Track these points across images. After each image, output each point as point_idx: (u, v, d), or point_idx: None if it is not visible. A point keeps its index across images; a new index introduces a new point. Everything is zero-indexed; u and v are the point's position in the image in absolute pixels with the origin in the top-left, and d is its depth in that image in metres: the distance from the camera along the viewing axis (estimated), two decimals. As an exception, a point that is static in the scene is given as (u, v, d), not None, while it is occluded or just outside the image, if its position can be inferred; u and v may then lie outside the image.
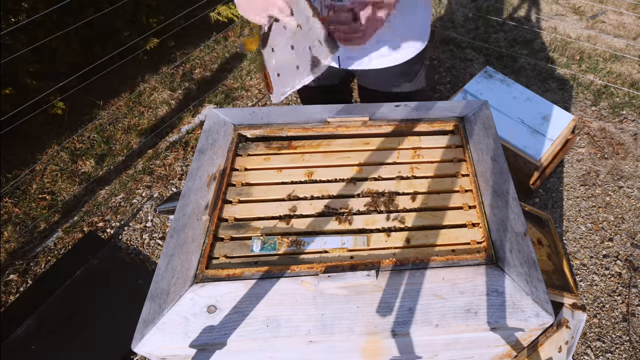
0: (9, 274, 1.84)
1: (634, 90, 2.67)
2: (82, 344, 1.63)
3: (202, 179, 0.93)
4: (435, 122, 1.05)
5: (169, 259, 0.80)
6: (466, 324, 0.72)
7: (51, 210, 2.06)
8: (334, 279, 0.74)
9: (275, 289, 0.75)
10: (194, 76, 2.81)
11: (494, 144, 0.98)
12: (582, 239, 1.98)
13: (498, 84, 2.21)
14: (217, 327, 0.71)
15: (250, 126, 1.03)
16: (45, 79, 2.27)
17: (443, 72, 2.83)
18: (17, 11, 2.13)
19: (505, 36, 3.10)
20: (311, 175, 0.94)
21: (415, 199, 0.90)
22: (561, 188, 2.18)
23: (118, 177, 2.24)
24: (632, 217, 2.06)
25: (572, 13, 3.38)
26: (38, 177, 2.20)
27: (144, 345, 0.71)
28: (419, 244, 0.82)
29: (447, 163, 0.97)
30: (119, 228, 2.02)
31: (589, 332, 1.70)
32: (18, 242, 1.95)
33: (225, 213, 0.88)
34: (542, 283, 0.77)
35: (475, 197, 0.89)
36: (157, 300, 0.75)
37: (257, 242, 0.82)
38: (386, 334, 0.71)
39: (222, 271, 0.77)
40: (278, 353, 0.77)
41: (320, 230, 0.85)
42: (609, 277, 1.85)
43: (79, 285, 1.78)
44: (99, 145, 2.35)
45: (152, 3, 2.69)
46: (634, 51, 3.00)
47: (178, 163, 2.30)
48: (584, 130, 2.46)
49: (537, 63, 2.86)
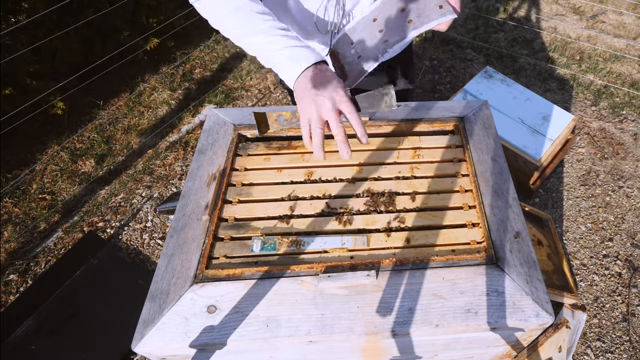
0: (9, 274, 1.84)
1: (634, 90, 2.68)
2: (82, 343, 1.63)
3: (202, 179, 0.93)
4: (435, 122, 1.05)
5: (169, 259, 0.80)
6: (466, 324, 0.72)
7: (51, 210, 2.06)
8: (334, 279, 0.74)
9: (275, 289, 0.75)
10: (194, 76, 2.81)
11: (494, 144, 0.99)
12: (582, 239, 1.98)
13: (498, 84, 2.21)
14: (217, 327, 0.71)
15: (250, 126, 1.03)
16: (45, 79, 2.26)
17: (443, 72, 2.83)
18: (17, 11, 2.12)
19: (505, 36, 3.10)
20: (311, 175, 0.94)
21: (415, 199, 0.90)
22: (561, 188, 2.18)
23: (118, 177, 2.24)
24: (632, 217, 2.06)
25: (572, 13, 3.38)
26: (38, 177, 2.20)
27: (144, 345, 0.71)
28: (419, 244, 0.82)
29: (447, 163, 0.97)
30: (119, 228, 2.02)
31: (589, 332, 1.70)
32: (18, 242, 1.95)
33: (225, 213, 0.88)
34: (542, 283, 0.77)
35: (475, 197, 0.89)
36: (157, 300, 0.75)
37: (257, 242, 0.82)
38: (386, 334, 0.71)
39: (222, 271, 0.77)
40: (278, 353, 0.77)
41: (320, 230, 0.85)
42: (609, 277, 1.85)
43: (79, 285, 1.78)
44: (99, 145, 2.35)
45: (152, 3, 2.69)
46: (634, 51, 3.00)
47: (178, 163, 2.30)
48: (584, 130, 2.46)
49: (537, 63, 2.86)
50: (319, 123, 0.72)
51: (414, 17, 0.88)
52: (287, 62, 0.77)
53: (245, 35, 0.82)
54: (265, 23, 0.80)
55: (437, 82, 2.76)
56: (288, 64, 0.77)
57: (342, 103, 0.72)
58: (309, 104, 0.73)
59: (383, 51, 0.91)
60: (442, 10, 0.85)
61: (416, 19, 0.88)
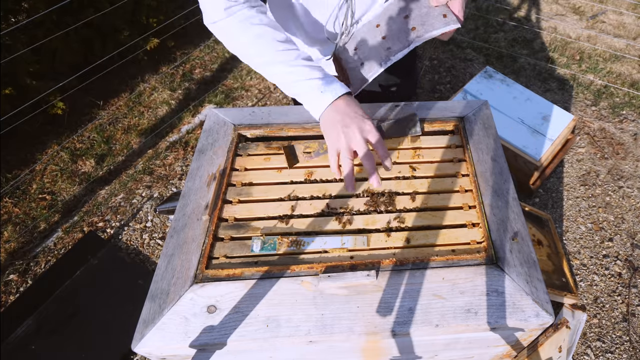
0: (9, 274, 1.84)
1: (634, 90, 2.68)
2: (82, 343, 1.63)
3: (202, 179, 0.93)
4: (435, 122, 1.05)
5: (169, 259, 0.80)
6: (466, 324, 0.72)
7: (51, 210, 2.06)
8: (334, 279, 0.74)
9: (275, 289, 0.75)
10: (194, 76, 2.81)
11: (494, 144, 0.99)
12: (582, 239, 1.98)
13: (498, 84, 2.21)
14: (217, 327, 0.71)
15: (250, 126, 1.03)
16: (45, 79, 2.27)
17: (443, 72, 2.83)
18: (17, 11, 2.13)
19: (505, 36, 3.10)
20: (311, 175, 0.94)
21: (415, 199, 0.90)
22: (561, 188, 2.18)
23: (118, 177, 2.24)
24: (632, 217, 2.06)
25: (572, 13, 3.38)
26: (38, 177, 2.20)
27: (144, 345, 0.71)
28: (419, 244, 0.82)
29: (447, 163, 0.97)
30: (119, 228, 2.02)
31: (589, 332, 1.70)
32: (18, 242, 1.95)
33: (225, 213, 0.88)
34: (542, 283, 0.77)
35: (475, 197, 0.89)
36: (157, 300, 0.75)
37: (257, 242, 0.82)
38: (386, 334, 0.71)
39: (222, 271, 0.78)
40: (278, 353, 0.77)
41: (320, 230, 0.85)
42: (609, 277, 1.85)
43: (79, 285, 1.78)
44: (99, 145, 2.35)
45: (152, 3, 2.69)
46: (634, 51, 3.00)
47: (178, 163, 2.30)
48: (584, 130, 2.46)
49: (537, 63, 2.86)
50: (348, 154, 0.75)
51: (417, 24, 0.88)
52: (315, 93, 0.78)
53: (267, 64, 0.82)
54: (289, 53, 0.81)
55: (437, 82, 2.76)
56: (316, 95, 0.78)
57: (369, 133, 0.75)
58: (337, 135, 0.76)
59: (386, 58, 0.90)
60: (446, 20, 0.85)
61: (420, 26, 0.87)
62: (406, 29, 0.88)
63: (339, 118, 0.76)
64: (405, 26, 0.89)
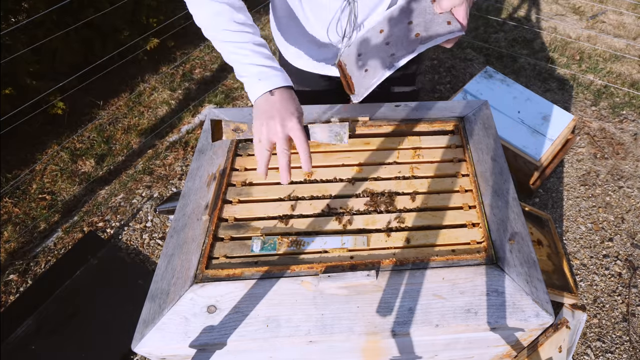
0: (9, 274, 1.84)
1: (634, 90, 2.68)
2: (82, 343, 1.63)
3: (202, 179, 0.93)
4: (435, 122, 1.05)
5: (169, 259, 0.80)
6: (466, 324, 0.72)
7: (51, 210, 2.06)
8: (334, 279, 0.74)
9: (275, 289, 0.75)
10: (194, 76, 2.81)
11: (494, 144, 0.99)
12: (582, 239, 1.98)
13: (498, 84, 2.21)
14: (217, 327, 0.71)
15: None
16: (45, 79, 2.26)
17: (443, 72, 2.83)
18: (17, 11, 2.13)
19: (505, 36, 3.10)
20: (311, 175, 0.94)
21: (415, 199, 0.90)
22: (561, 188, 2.18)
23: (118, 177, 2.24)
24: (632, 217, 2.06)
25: (572, 13, 3.38)
26: (38, 177, 2.20)
27: (144, 345, 0.71)
28: (419, 244, 0.82)
29: (447, 163, 0.97)
30: (119, 228, 2.02)
31: (589, 332, 1.70)
32: (18, 242, 1.95)
33: (225, 213, 0.88)
34: (542, 283, 0.77)
35: (475, 197, 0.89)
36: (157, 300, 0.75)
37: (257, 242, 0.82)
38: (386, 334, 0.71)
39: (222, 271, 0.78)
40: (278, 353, 0.77)
41: (320, 230, 0.85)
42: (609, 277, 1.85)
43: (79, 285, 1.78)
44: (99, 145, 2.35)
45: (152, 3, 2.69)
46: (634, 51, 3.00)
47: (178, 163, 2.30)
48: (584, 130, 2.46)
49: (537, 63, 2.86)
50: (267, 145, 0.76)
51: (421, 30, 0.87)
52: (253, 79, 0.79)
53: (219, 41, 0.83)
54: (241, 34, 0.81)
55: (437, 82, 2.76)
56: (253, 81, 0.79)
57: (292, 130, 0.76)
58: (260, 125, 0.76)
59: (390, 65, 0.89)
60: (450, 27, 0.84)
61: (424, 33, 0.86)
62: (410, 35, 0.88)
63: (267, 109, 0.76)
64: (409, 32, 0.88)
